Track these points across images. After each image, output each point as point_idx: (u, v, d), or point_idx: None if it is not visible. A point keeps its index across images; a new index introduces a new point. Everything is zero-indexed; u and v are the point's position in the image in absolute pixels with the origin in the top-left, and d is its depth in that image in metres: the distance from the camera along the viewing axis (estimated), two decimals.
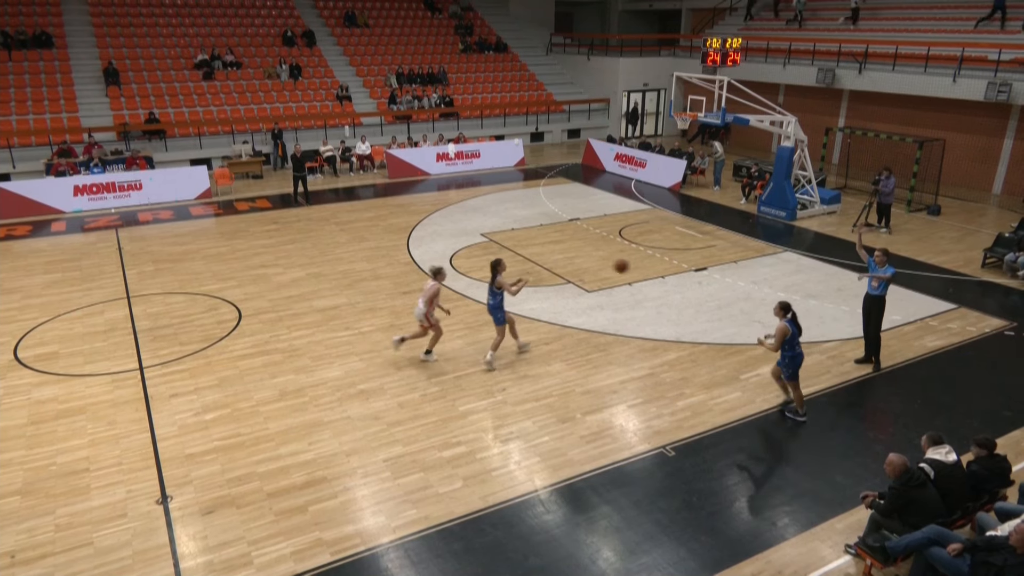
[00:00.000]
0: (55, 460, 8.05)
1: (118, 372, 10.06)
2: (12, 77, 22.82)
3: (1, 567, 6.47)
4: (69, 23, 25.58)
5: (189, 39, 26.49)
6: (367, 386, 9.70)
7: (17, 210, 18.00)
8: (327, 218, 18.04)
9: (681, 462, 8.09)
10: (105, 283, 13.48)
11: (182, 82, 24.80)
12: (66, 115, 22.32)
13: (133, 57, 25.00)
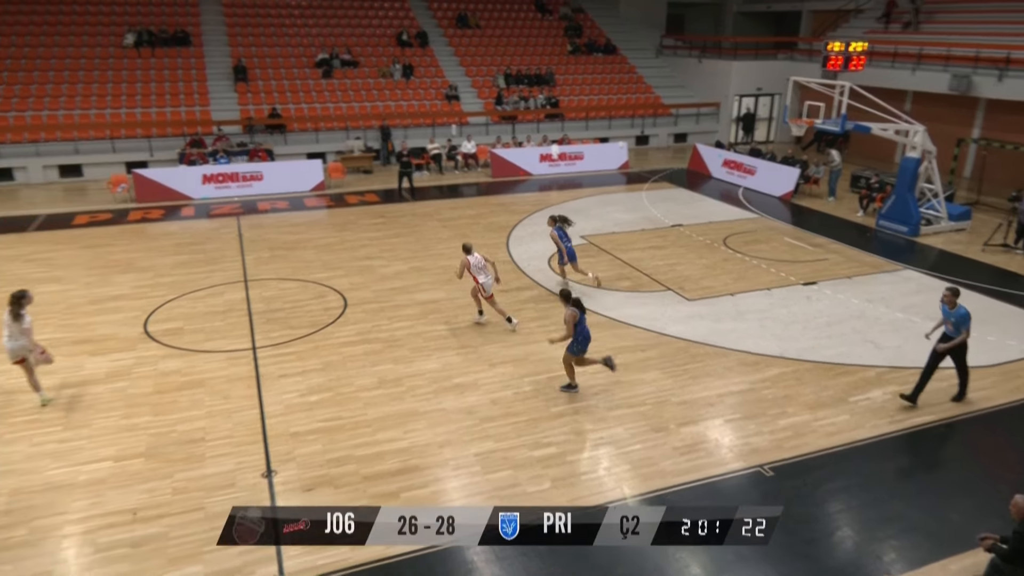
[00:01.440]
0: (175, 428, 8.69)
1: (234, 351, 10.73)
2: (153, 72, 24.76)
3: (124, 522, 7.05)
4: (205, 23, 27.47)
5: (311, 39, 27.85)
6: (462, 380, 9.90)
7: (153, 195, 19.52)
8: (431, 214, 18.51)
9: (779, 483, 7.78)
10: (226, 266, 14.40)
11: (303, 79, 26.11)
12: (199, 109, 23.99)
13: (260, 56, 26.55)
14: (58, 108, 22.73)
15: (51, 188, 21.23)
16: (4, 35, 24.46)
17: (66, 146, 22.02)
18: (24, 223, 17.44)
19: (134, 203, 19.30)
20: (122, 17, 26.46)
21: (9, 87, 22.85)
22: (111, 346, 10.85)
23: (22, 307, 8.98)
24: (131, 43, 25.42)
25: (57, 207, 19.00)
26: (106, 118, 22.81)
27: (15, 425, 8.73)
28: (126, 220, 17.84)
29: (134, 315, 11.98)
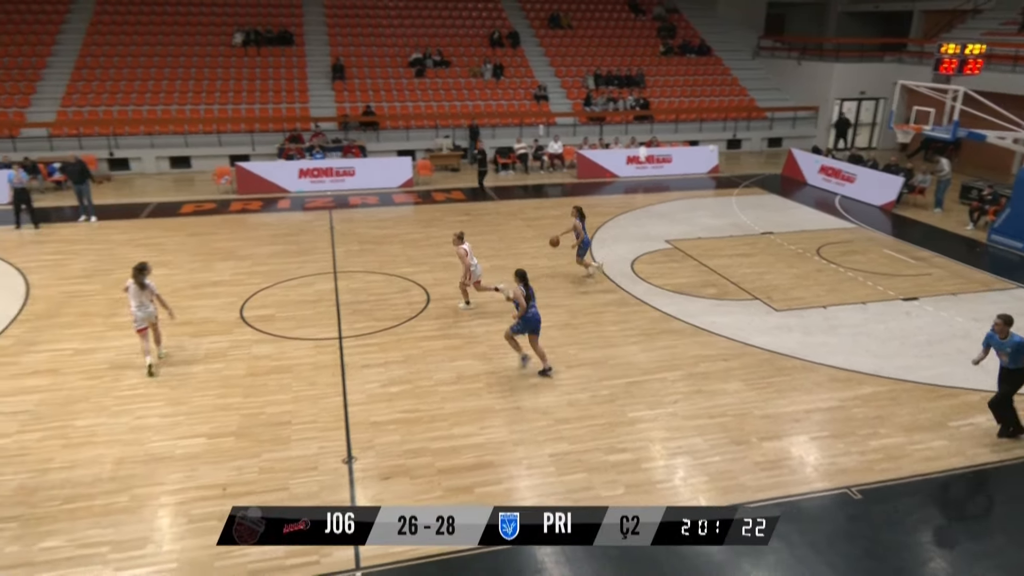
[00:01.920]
0: (264, 410, 9.09)
1: (321, 339, 11.13)
2: (258, 71, 26.00)
3: (215, 496, 7.43)
4: (308, 23, 28.62)
5: (406, 39, 28.54)
6: (539, 380, 9.91)
7: (253, 187, 20.50)
8: (515, 213, 18.62)
9: (868, 507, 7.39)
10: (317, 258, 14.96)
11: (396, 79, 26.79)
12: (298, 106, 25.02)
13: (358, 55, 27.43)
14: (172, 103, 24.21)
15: (162, 178, 22.64)
16: (126, 34, 26.26)
17: (177, 139, 23.43)
18: (137, 210, 18.67)
19: (236, 194, 20.33)
20: (232, 18, 27.91)
21: (129, 83, 24.52)
22: (210, 329, 11.47)
23: (145, 276, 9.87)
24: (239, 42, 26.78)
25: (167, 196, 20.25)
26: (214, 113, 24.11)
27: (122, 399, 9.36)
28: (228, 210, 18.80)
29: (231, 300, 12.62)
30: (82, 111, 23.35)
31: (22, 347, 10.77)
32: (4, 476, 7.74)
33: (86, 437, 8.49)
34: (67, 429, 8.64)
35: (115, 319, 11.77)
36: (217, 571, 6.48)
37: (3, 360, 10.36)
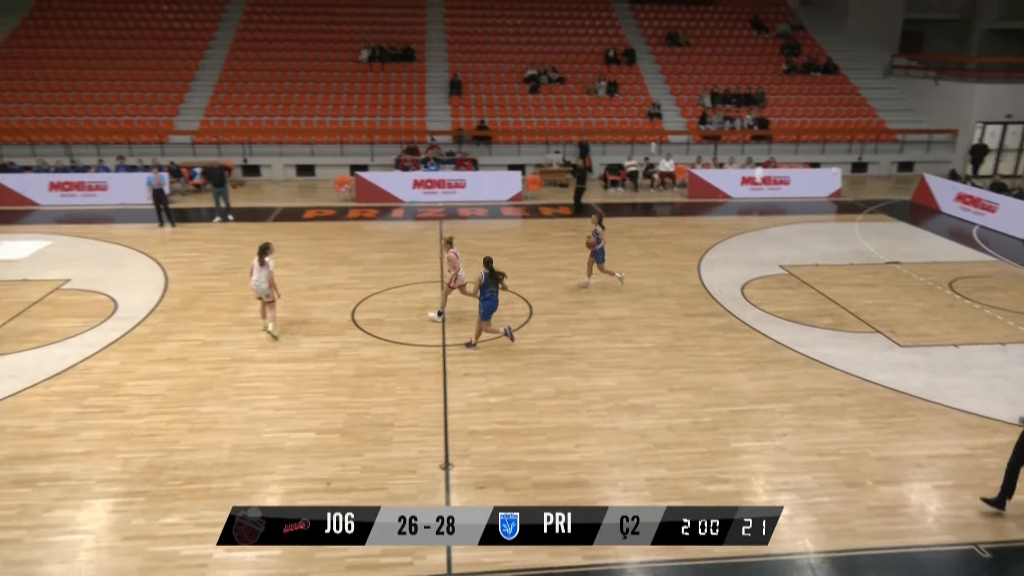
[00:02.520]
0: (369, 411, 9.41)
1: (425, 345, 11.42)
2: (381, 85, 27.19)
3: (319, 490, 7.75)
4: (429, 40, 29.67)
5: (523, 56, 29.01)
6: (639, 401, 9.72)
7: (370, 195, 21.40)
8: (622, 231, 18.43)
9: (999, 568, 6.74)
10: (426, 266, 15.39)
11: (511, 94, 27.26)
12: (416, 119, 25.94)
13: (475, 71, 28.13)
14: (301, 115, 25.72)
15: (288, 184, 24.06)
16: (264, 51, 28.18)
17: (303, 148, 24.84)
18: (265, 214, 19.91)
19: (354, 202, 21.29)
20: (360, 35, 29.36)
21: (264, 95, 26.27)
22: (323, 329, 12.02)
23: (266, 255, 11.40)
24: (365, 58, 28.12)
25: (292, 202, 21.48)
26: (338, 125, 25.41)
27: (241, 390, 9.96)
28: (346, 217, 19.71)
29: (344, 303, 13.19)
30: (222, 120, 25.22)
31: (158, 336, 11.69)
32: (136, 454, 8.41)
33: (208, 423, 9.09)
34: (192, 415, 9.29)
35: (240, 315, 12.57)
36: (317, 563, 6.75)
37: (142, 346, 11.29)
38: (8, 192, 20.46)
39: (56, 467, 8.14)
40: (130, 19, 29.18)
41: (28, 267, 14.97)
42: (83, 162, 22.84)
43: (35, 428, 8.93)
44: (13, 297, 13.20)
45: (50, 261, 15.40)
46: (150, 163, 21.07)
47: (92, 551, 6.89)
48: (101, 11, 29.46)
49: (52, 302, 13.05)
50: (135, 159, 22.72)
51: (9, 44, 27.65)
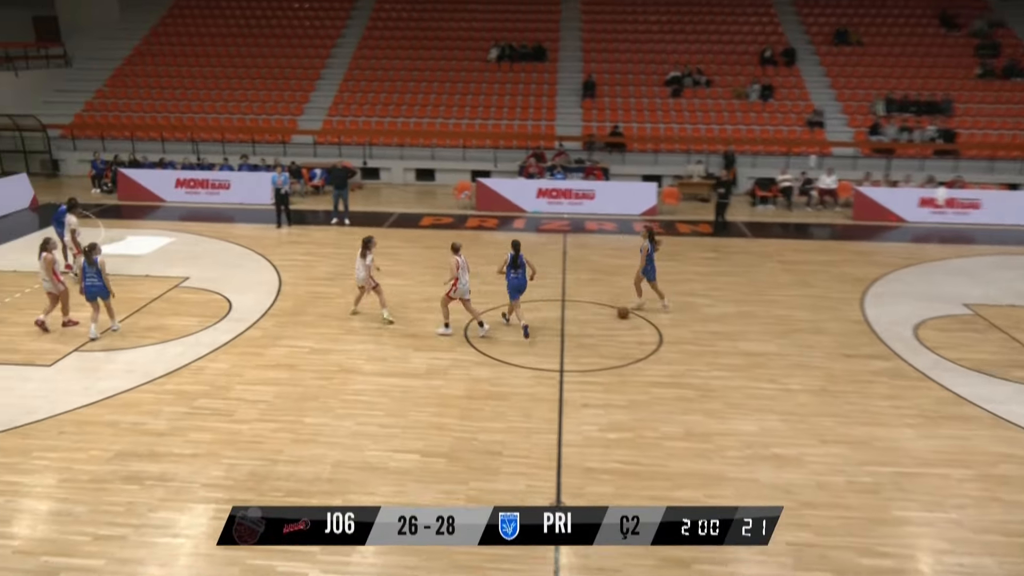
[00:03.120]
0: (477, 436, 9.53)
1: (541, 369, 11.44)
2: (509, 86, 27.79)
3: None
4: (564, 38, 30.05)
5: (665, 55, 28.73)
6: (783, 451, 9.25)
7: (491, 204, 21.84)
8: (771, 254, 17.73)
9: None
10: (547, 283, 15.46)
11: (650, 98, 27.04)
12: (544, 123, 26.28)
13: (611, 72, 28.16)
14: (424, 116, 26.73)
15: (407, 189, 25.02)
16: (391, 49, 29.57)
17: (424, 152, 25.79)
18: (382, 219, 20.80)
19: (474, 210, 21.80)
20: (491, 33, 30.19)
21: (388, 95, 27.54)
22: (433, 345, 12.33)
23: (368, 249, 12.90)
24: (494, 57, 28.87)
25: (409, 207, 22.31)
26: (461, 127, 26.18)
27: (347, 403, 10.38)
28: (464, 225, 20.21)
29: (457, 318, 13.44)
30: (344, 121, 26.68)
31: (269, 340, 12.43)
32: (240, 460, 8.94)
33: (312, 435, 9.53)
34: (297, 425, 9.78)
35: (350, 323, 13.15)
36: None
37: (252, 350, 12.05)
38: (138, 187, 22.58)
39: (164, 467, 8.81)
40: (262, 17, 31.58)
41: (151, 263, 16.40)
42: (209, 160, 24.84)
43: (147, 425, 9.72)
44: (136, 292, 14.49)
45: (172, 258, 16.80)
46: (272, 163, 22.57)
47: (191, 556, 7.36)
48: (235, 10, 32.09)
49: (171, 299, 14.20)
50: (258, 158, 24.44)
51: (148, 41, 30.67)
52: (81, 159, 26.04)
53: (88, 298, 12.21)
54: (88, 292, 12.16)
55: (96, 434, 9.51)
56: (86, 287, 12.14)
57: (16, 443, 9.29)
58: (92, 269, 12.05)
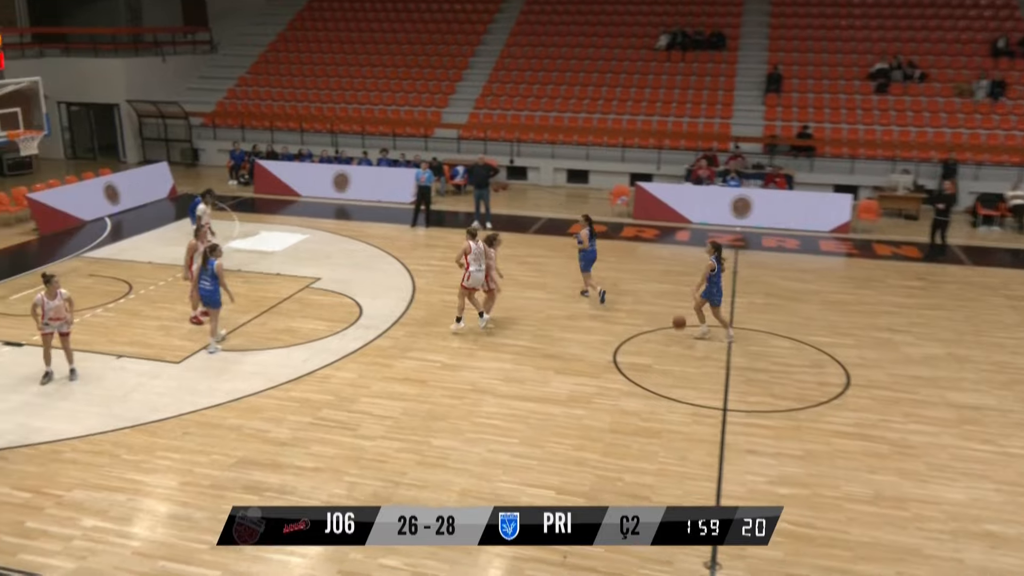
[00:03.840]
0: (622, 476, 9.45)
1: (701, 406, 11.19)
2: (679, 78, 27.52)
3: (554, 561, 7.93)
4: (746, 24, 29.42)
5: (870, 44, 27.44)
6: (998, 529, 8.54)
7: (651, 212, 21.67)
8: (995, 287, 16.48)
9: None
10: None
11: (849, 94, 25.92)
12: (718, 121, 25.79)
13: (802, 63, 27.25)
14: (580, 111, 26.96)
15: (556, 192, 25.30)
16: (547, 35, 30.10)
17: (578, 151, 25.99)
18: (527, 224, 21.14)
19: (630, 218, 21.71)
20: (661, 18, 30.06)
21: (542, 87, 28.02)
22: (577, 368, 12.37)
23: (492, 247, 13.43)
24: (663, 45, 28.69)
25: (558, 212, 22.55)
26: (621, 124, 26.18)
27: (479, 426, 10.60)
28: (619, 235, 20.16)
29: (606, 340, 13.44)
30: (492, 114, 27.39)
31: (398, 351, 12.93)
32: (363, 479, 9.34)
33: (439, 459, 9.80)
34: (423, 446, 10.09)
35: (486, 338, 13.44)
36: None
37: (381, 361, 12.58)
38: (274, 180, 24.21)
39: (284, 479, 9.35)
40: (411, 1, 33.04)
41: (283, 261, 17.51)
42: (347, 153, 26.24)
43: (269, 433, 10.36)
44: (266, 291, 15.52)
45: (304, 257, 17.87)
46: (412, 158, 23.56)
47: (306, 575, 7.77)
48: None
49: (300, 300, 15.10)
50: (398, 153, 25.54)
51: (292, 27, 32.91)
52: (220, 149, 28.26)
53: (204, 303, 12.87)
54: (202, 298, 12.75)
55: (219, 438, 10.25)
56: (200, 291, 12.71)
57: (142, 440, 10.18)
58: (207, 273, 12.48)
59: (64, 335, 11.58)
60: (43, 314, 11.31)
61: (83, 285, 15.86)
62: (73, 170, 24.78)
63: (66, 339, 11.63)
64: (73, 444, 10.09)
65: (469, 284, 13.35)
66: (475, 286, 13.44)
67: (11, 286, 15.62)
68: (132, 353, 12.74)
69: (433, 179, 20.99)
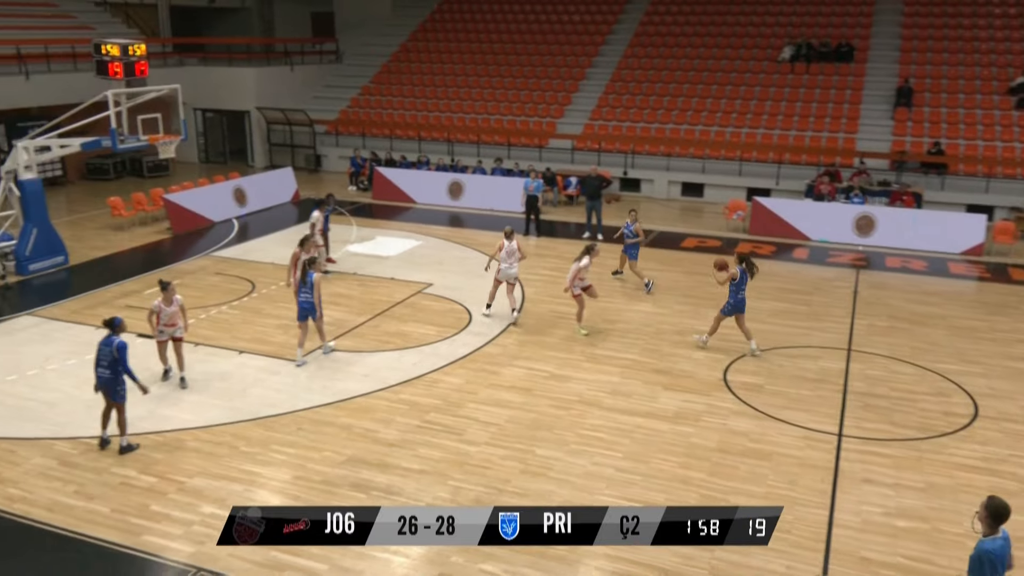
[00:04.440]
0: (728, 498, 9.23)
1: (814, 430, 10.83)
2: (803, 91, 26.75)
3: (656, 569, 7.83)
4: (876, 35, 28.33)
5: (1010, 57, 25.96)
6: None
7: (768, 228, 21.11)
8: None
9: None
10: (829, 327, 14.62)
11: (986, 109, 24.60)
12: (842, 135, 24.92)
13: (935, 76, 26.03)
14: (698, 123, 26.58)
15: (670, 205, 25.00)
16: (666, 47, 29.83)
17: (694, 163, 25.61)
18: None
19: (746, 233, 21.22)
20: (785, 29, 29.32)
21: (659, 99, 27.78)
22: (686, 385, 12.18)
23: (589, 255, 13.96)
24: (787, 57, 27.96)
25: (671, 225, 22.27)
26: (740, 137, 25.64)
27: (584, 438, 10.58)
28: (733, 250, 19.59)
29: (716, 358, 13.19)
30: (607, 125, 27.33)
31: (506, 359, 13.05)
32: (467, 484, 9.47)
33: (542, 468, 9.83)
34: (527, 455, 10.15)
35: (594, 350, 13.41)
36: None
37: (488, 368, 12.73)
38: (391, 187, 24.89)
39: (391, 479, 9.58)
40: (531, 12, 33.44)
41: (397, 266, 17.98)
42: (463, 162, 26.72)
43: (378, 434, 10.64)
44: (380, 295, 15.97)
45: (418, 262, 18.29)
46: (525, 168, 23.73)
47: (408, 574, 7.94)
48: (503, 4, 34.30)
49: (412, 305, 15.46)
50: (512, 162, 25.81)
51: (414, 38, 33.80)
52: (341, 155, 29.26)
53: (299, 316, 12.70)
54: (300, 309, 12.66)
55: (331, 435, 10.60)
56: (299, 303, 12.65)
57: (259, 434, 10.64)
58: (306, 286, 12.50)
59: (177, 340, 11.87)
60: (159, 320, 11.60)
61: (210, 283, 16.74)
62: (205, 173, 26.19)
63: (179, 345, 11.90)
64: (196, 434, 10.65)
65: (500, 277, 14.56)
66: (505, 279, 14.52)
67: (145, 281, 16.59)
68: (252, 349, 13.34)
69: (542, 188, 21.08)
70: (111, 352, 9.78)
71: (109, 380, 9.87)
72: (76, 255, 18.37)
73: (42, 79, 24.29)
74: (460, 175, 24.93)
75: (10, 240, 17.28)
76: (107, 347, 9.82)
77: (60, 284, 16.86)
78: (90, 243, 19.69)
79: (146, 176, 27.91)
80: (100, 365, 9.86)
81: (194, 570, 7.98)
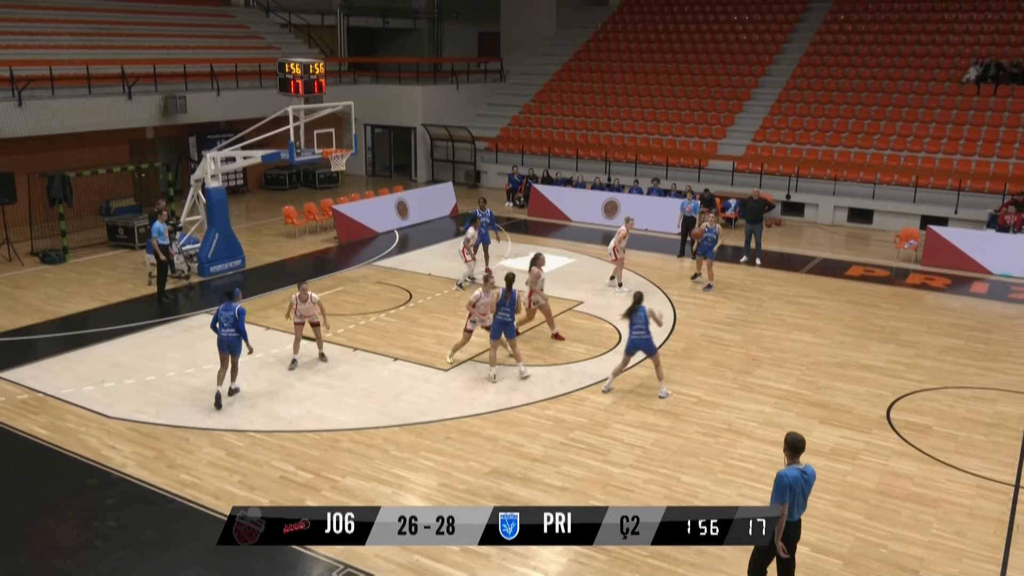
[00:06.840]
0: (887, 544, 8.71)
1: (987, 478, 10.06)
2: (989, 114, 24.96)
3: None
4: None
5: None
6: None
7: (944, 259, 19.72)
8: None
9: None
10: (1009, 368, 13.54)
11: None
12: None
13: None
14: (869, 146, 25.35)
15: (835, 231, 23.92)
16: (838, 67, 28.63)
17: (863, 188, 24.40)
18: (799, 263, 20.18)
19: (918, 264, 19.98)
20: (971, 48, 27.51)
21: (827, 120, 26.69)
22: (844, 420, 11.60)
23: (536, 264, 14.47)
24: (972, 78, 26.18)
25: (835, 252, 21.31)
26: (916, 162, 24.22)
27: (731, 468, 10.29)
28: (903, 282, 18.64)
29: (879, 393, 12.48)
30: (771, 147, 26.52)
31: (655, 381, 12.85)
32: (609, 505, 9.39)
33: (686, 495, 9.63)
34: (672, 480, 9.97)
35: (746, 378, 13.01)
36: None
37: (636, 389, 12.63)
38: (547, 204, 25.18)
39: (533, 494, 9.66)
40: (696, 31, 33.03)
41: (549, 283, 17.94)
42: (620, 181, 26.67)
43: (523, 448, 10.76)
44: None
45: (570, 280, 18.37)
46: (683, 188, 23.37)
47: None
48: (668, 24, 34.04)
49: (562, 322, 15.52)
50: (669, 183, 25.51)
51: (577, 57, 34.11)
52: (500, 172, 29.89)
53: (492, 335, 12.88)
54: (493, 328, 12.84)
55: (477, 446, 10.81)
56: (496, 319, 12.80)
57: (409, 439, 11.00)
58: (506, 304, 12.69)
59: (315, 325, 13.35)
60: (296, 311, 13.21)
61: (371, 291, 17.49)
62: (371, 186, 27.43)
63: (316, 329, 13.41)
64: (350, 435, 11.14)
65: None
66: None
67: (314, 287, 17.45)
68: (406, 357, 13.82)
69: (699, 210, 20.70)
70: (233, 316, 11.67)
71: (235, 339, 11.79)
72: (251, 259, 19.71)
73: (231, 95, 26.22)
74: (616, 194, 24.91)
75: (195, 243, 18.82)
76: (228, 312, 11.69)
77: (236, 286, 18.07)
78: (264, 248, 21.06)
79: (318, 187, 29.56)
80: (224, 327, 11.69)
81: (341, 567, 8.33)
